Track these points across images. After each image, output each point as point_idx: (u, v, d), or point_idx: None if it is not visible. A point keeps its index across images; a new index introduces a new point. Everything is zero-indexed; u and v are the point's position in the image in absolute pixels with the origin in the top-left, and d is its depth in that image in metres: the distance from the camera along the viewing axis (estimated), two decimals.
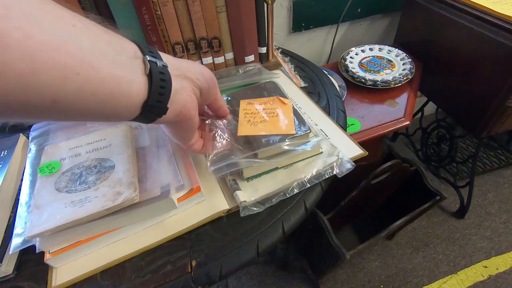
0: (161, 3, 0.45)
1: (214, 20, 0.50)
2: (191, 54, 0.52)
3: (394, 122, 0.72)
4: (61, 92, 0.19)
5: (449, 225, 1.13)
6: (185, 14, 0.48)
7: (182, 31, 0.49)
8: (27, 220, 0.30)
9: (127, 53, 0.23)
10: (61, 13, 0.20)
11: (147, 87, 0.24)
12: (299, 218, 0.37)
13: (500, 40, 0.64)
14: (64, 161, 0.36)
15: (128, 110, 0.24)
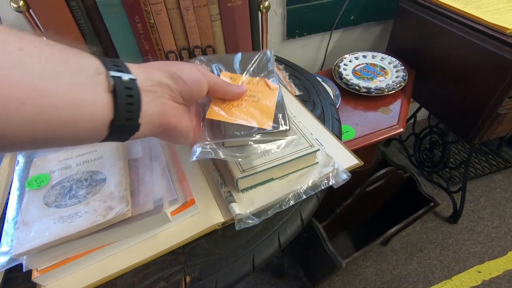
0: (154, 12, 0.45)
1: (208, 29, 0.49)
2: None
3: (388, 129, 0.72)
4: (5, 126, 0.17)
5: (443, 230, 1.14)
6: (179, 23, 0.47)
7: (176, 39, 0.49)
8: (14, 238, 0.28)
9: (87, 71, 0.21)
10: (5, 38, 0.18)
11: (112, 105, 0.22)
12: (295, 230, 0.36)
13: (491, 48, 0.65)
14: (53, 174, 0.35)
15: (93, 133, 0.22)
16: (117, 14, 0.44)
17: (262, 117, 0.34)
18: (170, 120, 0.27)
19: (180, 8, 0.46)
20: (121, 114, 0.22)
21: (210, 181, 0.39)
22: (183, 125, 0.29)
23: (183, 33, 0.49)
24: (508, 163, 1.31)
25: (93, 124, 0.21)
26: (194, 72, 0.29)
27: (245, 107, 0.34)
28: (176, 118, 0.28)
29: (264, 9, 0.51)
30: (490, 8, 0.71)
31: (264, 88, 0.36)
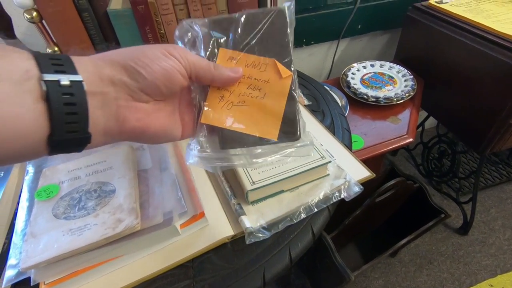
0: (165, 22, 0.45)
1: None
2: None
3: (397, 139, 0.71)
4: None
5: (453, 241, 1.11)
6: None
7: None
8: (22, 250, 0.28)
9: (10, 78, 0.17)
10: None
11: (47, 117, 0.18)
12: (307, 244, 0.35)
13: (502, 58, 0.64)
14: (63, 184, 0.34)
15: (28, 151, 0.18)
16: (128, 24, 0.44)
17: (267, 121, 0.28)
18: (134, 125, 0.22)
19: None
20: (60, 127, 0.18)
21: (219, 192, 0.39)
22: (157, 125, 0.24)
23: None
24: None
25: (23, 143, 0.18)
26: (161, 61, 0.23)
27: (248, 107, 0.28)
28: (142, 121, 0.23)
29: None
30: (500, 17, 0.70)
31: (274, 76, 0.28)
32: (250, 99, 0.28)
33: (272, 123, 0.28)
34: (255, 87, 0.28)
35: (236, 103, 0.28)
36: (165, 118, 0.25)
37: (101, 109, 0.21)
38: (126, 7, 0.43)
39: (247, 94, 0.28)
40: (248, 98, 0.28)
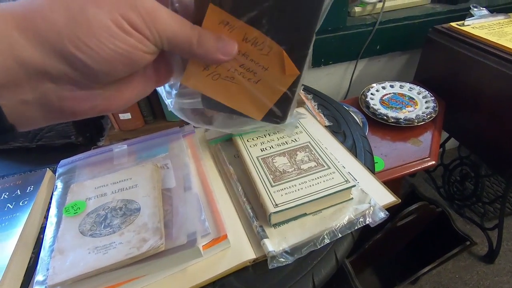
0: None
1: None
2: None
3: (419, 161, 0.69)
4: None
5: (478, 270, 1.05)
6: None
7: None
8: (50, 267, 0.28)
9: None
10: None
11: None
12: (330, 271, 0.34)
13: None
14: (89, 201, 0.35)
15: None
16: None
17: (253, 104, 0.25)
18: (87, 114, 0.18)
19: None
20: None
21: (241, 214, 0.38)
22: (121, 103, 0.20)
23: None
24: None
25: None
26: (114, 40, 0.16)
27: (236, 85, 0.24)
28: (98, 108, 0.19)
29: None
30: None
31: (276, 66, 0.23)
32: (240, 78, 0.23)
33: (259, 107, 0.25)
34: (249, 69, 0.23)
35: (223, 76, 0.23)
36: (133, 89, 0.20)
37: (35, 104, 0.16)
38: None
39: (238, 72, 0.23)
40: (239, 77, 0.23)
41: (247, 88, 0.24)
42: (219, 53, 0.20)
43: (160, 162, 0.40)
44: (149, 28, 0.17)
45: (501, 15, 0.83)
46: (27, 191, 0.40)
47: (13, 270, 0.31)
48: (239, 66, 0.23)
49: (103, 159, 0.42)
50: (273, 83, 0.24)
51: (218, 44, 0.20)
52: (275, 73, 0.23)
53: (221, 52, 0.20)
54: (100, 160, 0.42)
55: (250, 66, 0.23)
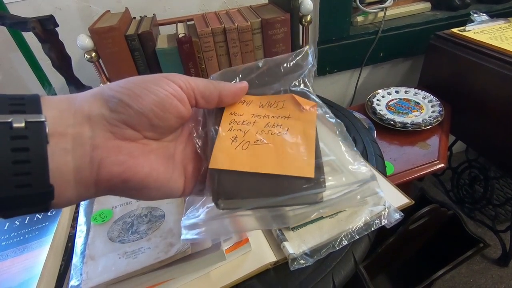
0: (206, 58, 0.49)
1: None
2: None
3: (428, 165, 0.70)
4: None
5: (492, 274, 1.04)
6: (227, 67, 0.51)
7: None
8: (83, 272, 0.30)
9: None
10: None
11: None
12: (349, 271, 0.35)
13: None
14: (115, 209, 0.37)
15: None
16: (173, 61, 0.49)
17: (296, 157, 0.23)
18: (113, 170, 0.18)
19: (229, 54, 0.50)
20: (5, 181, 0.15)
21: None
22: (144, 172, 0.19)
23: None
24: None
25: None
26: (155, 87, 0.19)
27: (268, 144, 0.23)
28: (125, 165, 0.18)
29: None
30: None
31: (295, 110, 0.25)
32: (269, 136, 0.23)
33: (303, 158, 0.23)
34: (274, 124, 0.24)
35: (252, 142, 0.23)
36: (158, 163, 0.20)
37: (71, 152, 0.17)
38: (172, 45, 0.48)
39: (265, 131, 0.24)
40: (267, 135, 0.24)
41: (280, 142, 0.23)
42: (236, 85, 0.24)
43: None
44: (183, 81, 0.20)
45: (501, 20, 0.85)
46: None
47: (47, 277, 0.32)
48: (264, 127, 0.24)
49: None
50: (300, 124, 0.24)
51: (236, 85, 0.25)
52: (297, 115, 0.25)
53: (236, 84, 0.24)
54: None
55: (274, 122, 0.24)
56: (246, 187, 0.22)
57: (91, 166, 0.17)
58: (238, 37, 0.48)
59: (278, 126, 0.24)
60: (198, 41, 0.47)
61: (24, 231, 0.37)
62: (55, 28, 0.49)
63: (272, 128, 0.24)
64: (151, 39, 0.47)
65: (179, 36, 0.47)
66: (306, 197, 0.22)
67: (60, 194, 0.17)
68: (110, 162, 0.18)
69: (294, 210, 0.25)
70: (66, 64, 0.48)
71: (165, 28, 0.57)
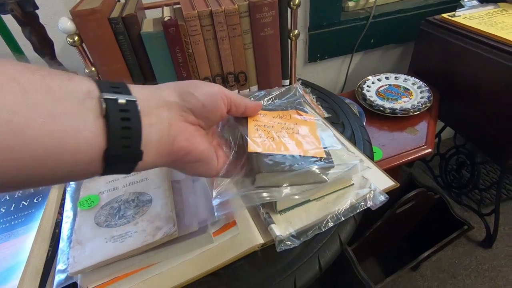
0: (193, 43, 0.48)
1: (241, 57, 0.52)
2: None
3: (416, 150, 0.71)
4: None
5: (477, 255, 1.08)
6: (215, 52, 0.50)
7: (211, 67, 0.52)
8: (70, 256, 0.30)
9: (74, 97, 0.18)
10: None
11: (105, 132, 0.19)
12: (335, 252, 0.36)
13: None
14: (102, 195, 0.37)
15: (84, 166, 0.19)
16: (159, 45, 0.48)
17: (309, 146, 0.32)
18: (182, 144, 0.24)
19: (216, 39, 0.49)
20: (116, 142, 0.19)
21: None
22: (201, 149, 0.26)
23: (218, 61, 0.52)
24: None
25: (80, 157, 0.18)
26: (208, 86, 0.27)
27: (287, 137, 0.32)
28: (190, 141, 0.25)
29: (294, 37, 0.53)
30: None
31: (298, 121, 0.35)
32: (286, 133, 0.33)
33: (314, 145, 0.33)
34: (287, 128, 0.34)
35: (276, 138, 0.32)
36: (206, 145, 0.27)
37: (153, 126, 0.22)
38: (158, 29, 0.47)
39: (282, 132, 0.34)
40: (286, 132, 0.33)
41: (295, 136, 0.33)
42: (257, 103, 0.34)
43: None
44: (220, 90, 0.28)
45: (491, 5, 0.85)
46: (40, 188, 0.41)
47: (34, 262, 0.32)
48: (281, 128, 0.34)
49: None
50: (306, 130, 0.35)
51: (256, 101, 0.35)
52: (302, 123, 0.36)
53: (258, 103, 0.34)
54: None
55: (287, 126, 0.35)
56: (278, 164, 0.29)
57: (168, 139, 0.23)
58: (225, 20, 0.47)
59: (291, 129, 0.34)
60: (184, 25, 0.46)
61: (10, 218, 0.37)
62: (35, 10, 0.48)
63: (286, 129, 0.34)
64: (136, 22, 0.46)
65: (165, 19, 0.45)
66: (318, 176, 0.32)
67: (144, 158, 0.22)
68: (181, 137, 0.24)
69: None
70: (48, 49, 0.47)
71: (151, 12, 0.55)
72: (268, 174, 0.29)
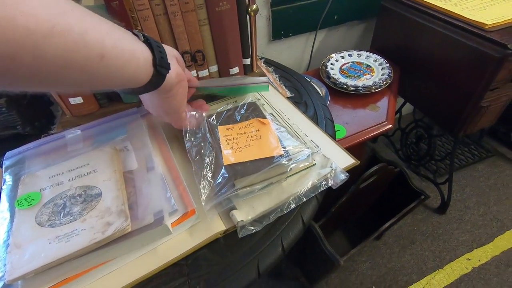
0: (141, 18, 0.44)
1: (197, 34, 0.48)
2: None
3: (377, 126, 0.73)
4: (103, 47, 0.24)
5: (432, 221, 1.17)
6: (167, 29, 0.46)
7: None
8: (7, 262, 0.27)
9: (121, 28, 0.28)
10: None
11: (148, 50, 0.30)
12: (298, 233, 0.36)
13: (471, 44, 0.67)
14: (44, 191, 0.33)
15: (145, 68, 0.29)
16: None
17: (271, 147, 0.38)
18: (181, 71, 0.35)
19: (167, 14, 0.45)
20: (157, 54, 0.30)
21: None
22: (186, 80, 0.37)
23: (171, 39, 0.48)
24: (489, 153, 1.36)
25: (144, 58, 0.29)
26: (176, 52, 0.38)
27: (252, 146, 0.39)
28: (185, 73, 0.37)
29: (253, 12, 0.50)
30: (468, 4, 0.73)
31: (260, 126, 0.42)
32: (251, 141, 0.40)
33: (275, 146, 0.38)
34: (252, 136, 0.40)
35: (243, 147, 0.39)
36: None
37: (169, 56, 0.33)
38: (99, 3, 0.42)
39: (248, 140, 0.40)
40: (250, 141, 0.40)
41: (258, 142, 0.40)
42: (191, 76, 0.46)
43: (119, 145, 0.39)
44: None
45: None
46: None
47: None
48: (246, 138, 0.40)
49: (56, 147, 0.39)
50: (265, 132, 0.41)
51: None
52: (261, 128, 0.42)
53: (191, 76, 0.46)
54: (52, 148, 0.39)
55: (251, 135, 0.41)
56: (249, 168, 0.36)
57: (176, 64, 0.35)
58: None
59: (254, 136, 0.40)
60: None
61: None
62: None
63: (251, 137, 0.40)
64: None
65: None
66: (281, 167, 0.36)
67: (170, 72, 0.33)
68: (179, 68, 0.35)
69: None
70: None
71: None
72: (242, 179, 0.34)
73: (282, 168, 0.36)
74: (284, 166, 0.36)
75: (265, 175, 0.36)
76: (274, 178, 0.37)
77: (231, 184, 0.34)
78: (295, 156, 0.38)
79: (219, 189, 0.34)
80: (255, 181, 0.35)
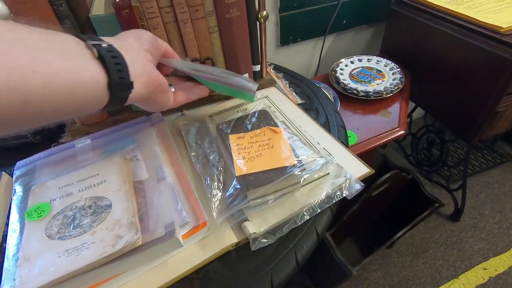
0: (151, 26, 0.44)
1: (206, 41, 0.48)
2: (183, 75, 0.50)
3: (389, 132, 0.72)
4: (27, 92, 0.19)
5: (446, 229, 1.14)
6: (177, 36, 0.46)
7: None
8: (16, 276, 0.26)
9: (70, 45, 0.24)
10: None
11: (103, 68, 0.25)
12: (312, 246, 0.35)
13: (486, 48, 0.65)
14: (54, 202, 0.33)
15: (96, 95, 0.25)
16: (113, 30, 0.42)
17: (284, 156, 0.37)
18: (157, 77, 0.31)
19: (177, 22, 0.44)
20: (114, 74, 0.25)
21: None
22: (164, 80, 0.32)
23: (181, 46, 0.47)
24: (503, 158, 1.32)
25: (93, 87, 0.24)
26: (149, 34, 0.34)
27: (264, 155, 0.38)
28: (158, 74, 0.31)
29: (263, 18, 0.50)
30: (481, 8, 0.72)
31: (272, 135, 0.40)
32: (263, 150, 0.38)
33: (287, 155, 0.37)
34: (263, 145, 0.39)
35: (255, 156, 0.37)
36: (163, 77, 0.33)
37: (134, 64, 0.27)
38: (109, 12, 0.41)
39: (260, 149, 0.38)
40: (262, 150, 0.38)
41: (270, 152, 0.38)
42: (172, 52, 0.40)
43: (129, 154, 0.38)
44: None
45: None
46: None
47: None
48: (258, 147, 0.39)
49: (66, 157, 0.39)
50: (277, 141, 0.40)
51: None
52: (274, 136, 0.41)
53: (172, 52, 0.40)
54: (62, 157, 0.39)
55: (263, 143, 0.40)
56: (261, 179, 0.34)
57: (146, 73, 0.29)
58: (186, 1, 0.43)
59: (266, 145, 0.39)
60: (140, 6, 0.41)
61: None
62: None
63: (263, 146, 0.39)
64: (83, 4, 0.41)
65: (116, 0, 0.40)
66: (294, 177, 0.35)
67: (134, 88, 0.27)
68: (153, 72, 0.31)
69: None
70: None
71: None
72: (255, 190, 0.34)
73: (296, 179, 0.35)
74: (298, 177, 0.35)
75: (278, 185, 0.35)
76: (287, 189, 0.36)
77: (243, 196, 0.33)
78: (308, 166, 0.36)
79: (231, 201, 0.33)
80: (268, 192, 0.34)
